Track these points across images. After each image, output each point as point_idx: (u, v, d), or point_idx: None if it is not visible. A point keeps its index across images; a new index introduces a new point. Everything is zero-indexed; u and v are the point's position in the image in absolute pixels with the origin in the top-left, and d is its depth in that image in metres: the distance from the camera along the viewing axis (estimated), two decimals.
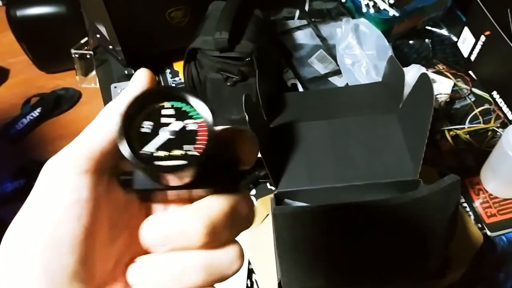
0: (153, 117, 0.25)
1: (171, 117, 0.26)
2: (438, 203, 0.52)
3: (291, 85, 0.93)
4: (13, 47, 1.76)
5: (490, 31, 0.87)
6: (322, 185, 0.65)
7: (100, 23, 0.88)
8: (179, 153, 0.25)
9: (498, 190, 0.80)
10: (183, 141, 0.25)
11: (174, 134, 0.25)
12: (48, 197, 0.24)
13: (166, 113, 0.26)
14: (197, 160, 0.25)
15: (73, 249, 0.23)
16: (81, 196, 0.24)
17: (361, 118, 0.73)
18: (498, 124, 0.88)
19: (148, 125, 0.25)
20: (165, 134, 0.25)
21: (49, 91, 1.85)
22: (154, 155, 0.25)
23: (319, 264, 0.55)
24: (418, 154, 0.61)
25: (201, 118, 0.26)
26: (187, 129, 0.26)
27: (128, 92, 0.28)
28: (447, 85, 0.93)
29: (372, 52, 0.90)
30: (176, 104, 0.26)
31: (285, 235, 0.53)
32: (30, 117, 1.76)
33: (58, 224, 0.23)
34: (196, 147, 0.25)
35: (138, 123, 0.25)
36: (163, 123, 0.25)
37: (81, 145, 0.25)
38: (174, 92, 0.26)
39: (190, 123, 0.26)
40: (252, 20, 0.82)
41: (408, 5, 0.94)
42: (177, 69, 0.99)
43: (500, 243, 0.77)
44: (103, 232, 0.25)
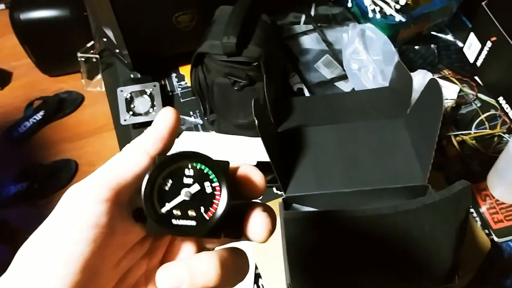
0: (177, 175, 0.29)
1: (192, 178, 0.29)
2: (449, 208, 0.52)
3: (297, 89, 0.93)
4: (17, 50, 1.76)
5: (497, 37, 0.87)
6: (330, 190, 0.65)
7: (107, 27, 0.89)
8: (193, 213, 0.28)
9: (505, 196, 0.80)
10: (199, 203, 0.29)
11: (192, 196, 0.28)
12: (68, 219, 0.26)
13: (188, 173, 0.29)
14: (206, 224, 0.28)
15: (86, 269, 0.25)
16: (98, 221, 0.26)
17: (369, 123, 0.73)
18: (505, 129, 0.88)
19: (170, 184, 0.28)
20: (184, 195, 0.28)
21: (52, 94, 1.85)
22: (172, 212, 0.28)
23: (328, 269, 0.55)
24: (427, 159, 0.62)
25: (218, 183, 0.29)
26: (205, 192, 0.29)
27: (153, 129, 0.30)
28: (453, 90, 0.93)
29: (378, 57, 0.90)
30: (199, 165, 0.29)
31: (295, 240, 0.53)
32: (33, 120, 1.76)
33: (74, 244, 0.25)
34: (209, 210, 0.28)
35: (163, 180, 0.28)
36: (185, 183, 0.29)
37: (104, 176, 0.28)
38: (199, 156, 0.29)
39: (208, 186, 0.29)
40: (259, 25, 0.82)
41: (414, 11, 0.94)
42: (183, 73, 0.99)
43: (507, 249, 0.77)
44: (112, 256, 0.27)
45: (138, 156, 0.28)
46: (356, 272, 0.56)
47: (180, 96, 0.96)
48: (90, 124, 1.75)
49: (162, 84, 0.97)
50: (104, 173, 0.28)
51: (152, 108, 0.90)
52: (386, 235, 0.54)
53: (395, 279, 0.57)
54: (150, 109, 0.90)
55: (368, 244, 0.55)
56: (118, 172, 0.28)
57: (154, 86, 0.92)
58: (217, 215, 0.28)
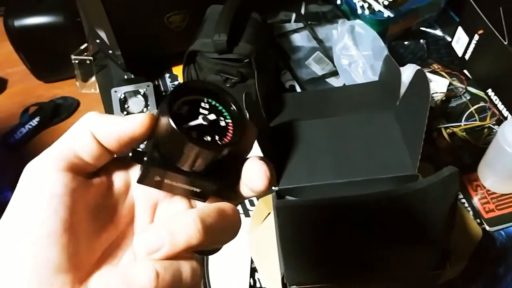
0: (193, 104, 0.29)
1: (208, 110, 0.29)
2: (437, 194, 0.53)
3: (289, 86, 0.94)
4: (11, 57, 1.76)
5: (483, 30, 0.88)
6: (322, 182, 0.65)
7: (99, 28, 0.90)
8: (208, 138, 0.28)
9: (495, 186, 0.81)
10: (214, 131, 0.28)
11: (209, 123, 0.29)
12: (28, 195, 0.26)
13: (204, 105, 0.29)
14: (220, 149, 0.28)
15: (54, 242, 0.25)
16: (56, 191, 0.26)
17: (359, 116, 0.74)
18: (494, 121, 0.89)
19: (188, 109, 0.28)
20: (203, 120, 0.28)
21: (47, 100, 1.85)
22: (189, 132, 0.27)
23: (321, 257, 0.56)
24: (416, 148, 0.62)
25: (231, 120, 0.29)
26: (219, 124, 0.29)
27: (117, 124, 0.29)
28: (443, 84, 0.95)
29: (368, 52, 0.91)
30: (213, 102, 0.29)
31: (288, 229, 0.54)
32: (29, 126, 1.76)
33: (38, 220, 0.25)
34: (224, 140, 0.28)
35: (180, 105, 0.28)
36: (201, 112, 0.29)
37: (56, 149, 0.28)
38: (217, 90, 0.30)
39: (222, 121, 0.29)
40: (249, 23, 0.83)
41: (402, 6, 0.95)
42: (176, 73, 1.00)
43: (499, 237, 0.78)
44: (83, 225, 0.27)
45: (83, 134, 0.28)
46: (348, 258, 0.57)
47: None
48: None
49: (156, 84, 0.98)
50: (55, 147, 0.28)
51: (146, 108, 0.91)
52: (377, 222, 0.55)
53: (387, 266, 0.58)
54: (144, 109, 0.91)
55: (359, 231, 0.55)
56: (69, 143, 0.28)
57: (147, 86, 0.93)
58: (230, 144, 0.28)
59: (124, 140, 0.28)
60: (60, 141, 0.28)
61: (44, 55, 1.75)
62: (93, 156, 0.28)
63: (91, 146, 0.28)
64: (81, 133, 0.28)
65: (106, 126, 0.28)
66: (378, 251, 0.56)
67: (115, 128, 0.28)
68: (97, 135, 0.28)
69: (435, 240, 0.56)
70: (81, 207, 0.27)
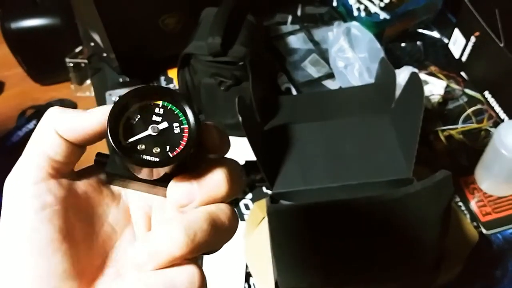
0: (146, 112, 0.27)
1: (162, 116, 0.28)
2: (430, 198, 0.53)
3: (285, 89, 0.93)
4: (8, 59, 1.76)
5: (480, 32, 0.88)
6: (316, 186, 0.65)
7: (94, 31, 0.89)
8: (157, 150, 0.27)
9: (492, 189, 0.80)
10: (165, 141, 0.27)
11: (160, 133, 0.27)
12: (17, 210, 0.25)
13: (158, 111, 0.28)
14: (168, 162, 0.27)
15: (55, 250, 0.25)
16: (46, 201, 0.25)
17: (354, 119, 0.74)
18: (491, 123, 0.89)
19: (138, 119, 0.27)
20: (152, 131, 0.27)
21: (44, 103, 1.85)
22: (136, 147, 0.27)
23: (314, 262, 0.56)
24: (411, 152, 0.62)
25: (186, 125, 0.28)
26: (173, 131, 0.28)
27: (77, 115, 0.28)
28: (440, 86, 0.94)
29: (364, 54, 0.91)
30: (169, 105, 0.28)
31: (280, 234, 0.53)
32: (25, 129, 1.76)
33: (33, 231, 0.25)
34: (175, 150, 0.27)
35: (132, 114, 0.27)
36: (154, 120, 0.27)
37: (30, 158, 0.27)
38: (170, 94, 0.28)
39: (176, 127, 0.28)
40: (244, 25, 0.82)
41: (399, 8, 0.95)
42: (171, 76, 1.00)
43: (496, 240, 0.77)
44: (78, 231, 0.27)
45: (48, 134, 0.27)
46: (341, 263, 0.56)
47: None
48: None
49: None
50: (28, 156, 0.27)
51: None
52: (370, 226, 0.55)
53: (380, 270, 0.58)
54: None
55: (352, 235, 0.55)
56: (41, 149, 0.27)
57: None
58: (181, 156, 0.27)
59: (89, 134, 0.27)
60: (31, 148, 0.27)
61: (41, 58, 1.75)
62: (65, 155, 0.27)
63: (59, 145, 0.27)
64: (46, 133, 0.27)
65: (67, 122, 0.27)
66: (372, 255, 0.56)
67: (77, 123, 0.27)
68: (60, 132, 0.27)
69: (429, 244, 0.56)
70: (73, 212, 0.27)
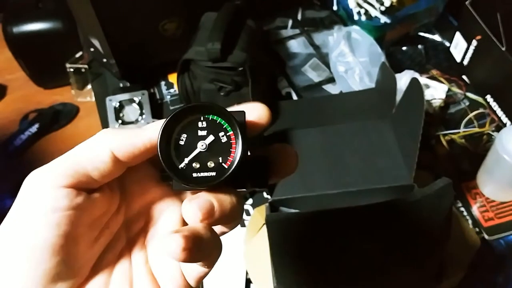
0: (190, 129, 0.28)
1: (206, 130, 0.28)
2: (431, 206, 0.52)
3: (286, 93, 0.93)
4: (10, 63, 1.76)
5: (481, 36, 0.87)
6: (316, 192, 0.65)
7: (94, 37, 0.89)
8: (212, 164, 0.28)
9: (494, 194, 0.80)
10: (216, 153, 0.28)
11: (208, 147, 0.28)
12: (29, 207, 0.26)
13: (202, 125, 0.28)
14: (225, 173, 0.28)
15: (55, 253, 0.25)
16: (59, 205, 0.26)
17: (355, 125, 0.73)
18: (493, 127, 0.88)
19: (185, 138, 0.28)
20: (201, 147, 0.28)
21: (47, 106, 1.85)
22: (192, 166, 0.28)
23: (314, 270, 0.55)
24: (412, 158, 0.62)
25: (231, 131, 0.28)
26: (221, 142, 0.28)
27: (136, 135, 0.29)
28: (441, 90, 0.93)
29: (365, 59, 0.90)
30: (210, 116, 0.28)
31: (279, 242, 0.53)
32: (28, 133, 1.76)
33: (38, 232, 0.25)
34: (228, 159, 0.28)
35: (177, 136, 0.28)
36: (200, 136, 0.28)
37: (64, 163, 0.27)
38: (210, 106, 0.28)
39: (223, 136, 0.28)
40: (244, 30, 0.82)
41: (400, 12, 0.94)
42: (171, 81, 0.99)
43: (498, 246, 0.76)
44: (84, 236, 0.27)
45: (101, 153, 0.27)
46: (340, 271, 0.56)
47: (169, 104, 0.96)
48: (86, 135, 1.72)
49: (152, 92, 0.97)
50: (62, 161, 0.27)
51: (141, 116, 0.90)
52: (370, 234, 0.54)
53: (382, 278, 0.57)
54: (139, 117, 0.90)
55: (351, 243, 0.55)
56: (75, 159, 0.27)
57: (142, 94, 0.92)
58: (235, 163, 0.28)
59: (141, 153, 0.28)
60: (71, 156, 0.28)
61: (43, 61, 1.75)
62: (104, 174, 0.28)
63: (106, 165, 0.28)
64: (99, 151, 0.28)
65: (124, 143, 0.28)
66: (373, 264, 0.55)
67: (132, 143, 0.28)
68: (116, 153, 0.28)
69: (430, 252, 0.55)
70: (84, 220, 0.27)
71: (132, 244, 0.30)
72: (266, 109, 0.30)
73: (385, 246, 0.55)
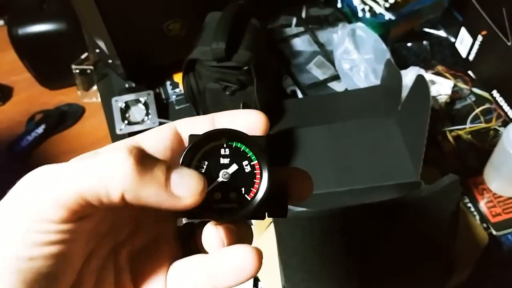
0: (212, 157, 0.26)
1: (229, 158, 0.26)
2: (438, 203, 0.52)
3: (291, 92, 0.93)
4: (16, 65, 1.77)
5: (487, 31, 0.87)
6: (323, 190, 0.65)
7: (99, 38, 0.89)
8: (234, 196, 0.26)
9: (502, 189, 0.80)
10: (239, 184, 0.26)
11: (231, 177, 0.26)
12: (17, 213, 0.22)
13: (224, 153, 0.27)
14: (248, 206, 0.26)
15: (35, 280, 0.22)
16: (49, 228, 0.22)
17: (361, 122, 0.73)
18: (500, 123, 0.88)
19: (206, 166, 0.26)
20: (222, 177, 0.26)
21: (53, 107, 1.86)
22: (213, 196, 0.26)
23: (322, 269, 0.55)
24: (418, 155, 0.62)
25: (256, 160, 0.26)
26: (244, 171, 0.27)
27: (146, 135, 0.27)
28: (447, 86, 0.93)
29: (370, 56, 0.90)
30: (233, 144, 0.27)
31: (287, 241, 0.53)
32: (34, 134, 1.77)
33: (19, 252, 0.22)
34: (251, 191, 0.26)
35: (198, 163, 0.26)
36: (222, 164, 0.26)
37: (75, 180, 0.23)
38: (234, 133, 0.26)
39: (247, 165, 0.27)
40: (248, 29, 0.82)
41: (404, 8, 0.94)
42: (177, 81, 1.00)
43: (506, 242, 0.76)
44: (76, 261, 0.24)
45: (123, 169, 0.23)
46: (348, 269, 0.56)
47: (175, 104, 0.96)
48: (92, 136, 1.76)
49: (157, 92, 0.98)
50: (76, 177, 0.23)
51: (147, 116, 0.91)
52: (377, 232, 0.54)
53: (389, 275, 0.57)
54: (145, 117, 0.91)
55: (358, 241, 0.55)
56: (92, 181, 0.22)
57: (148, 94, 0.92)
58: (259, 195, 0.26)
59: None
60: (85, 168, 0.23)
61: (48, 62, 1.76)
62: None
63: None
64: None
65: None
66: (380, 261, 0.55)
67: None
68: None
69: (438, 249, 0.55)
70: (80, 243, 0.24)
71: (119, 271, 0.27)
72: (263, 117, 0.28)
73: (392, 244, 0.55)
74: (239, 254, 0.25)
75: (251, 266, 0.24)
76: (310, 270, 0.56)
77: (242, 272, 0.25)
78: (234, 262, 0.25)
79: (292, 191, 0.28)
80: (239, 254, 0.25)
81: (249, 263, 0.24)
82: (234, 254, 0.25)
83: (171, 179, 0.24)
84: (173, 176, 0.24)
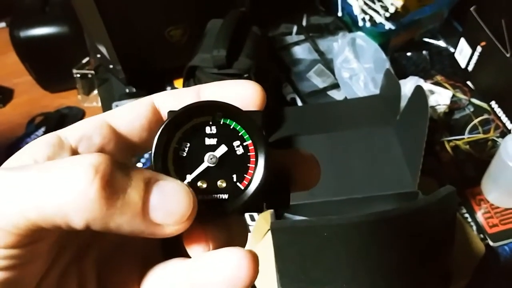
0: (195, 136, 0.21)
1: (216, 137, 0.22)
2: (435, 214, 0.53)
3: (290, 99, 0.93)
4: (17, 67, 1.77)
5: (486, 42, 0.87)
6: (321, 199, 0.65)
7: (100, 43, 0.90)
8: (223, 184, 0.22)
9: (499, 200, 0.80)
10: (229, 169, 0.22)
11: (219, 161, 0.21)
12: None
13: (210, 131, 0.22)
14: (241, 196, 0.21)
15: None
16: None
17: (359, 131, 0.74)
18: (498, 133, 0.88)
19: (188, 148, 0.21)
20: (208, 161, 0.21)
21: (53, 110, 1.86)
22: (196, 186, 0.21)
23: (319, 278, 0.55)
24: (416, 165, 0.62)
25: (250, 140, 0.22)
26: (236, 154, 0.22)
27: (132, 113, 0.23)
28: (446, 96, 0.94)
29: (369, 65, 0.91)
30: (221, 120, 0.22)
31: (284, 250, 0.53)
32: (34, 136, 1.77)
33: None
34: (245, 177, 0.22)
35: (177, 145, 0.21)
36: (208, 145, 0.21)
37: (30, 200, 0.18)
38: (222, 106, 0.21)
39: (238, 146, 0.22)
40: (249, 37, 0.83)
41: (404, 18, 0.95)
42: (177, 87, 1.00)
43: (503, 253, 0.76)
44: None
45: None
46: (345, 280, 0.56)
47: None
48: None
49: None
50: (27, 201, 0.18)
51: None
52: (373, 242, 0.54)
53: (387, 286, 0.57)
54: None
55: (355, 251, 0.55)
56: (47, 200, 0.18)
57: None
58: (255, 183, 0.21)
59: None
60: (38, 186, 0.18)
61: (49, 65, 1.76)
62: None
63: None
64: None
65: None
66: (377, 272, 0.56)
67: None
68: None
69: (434, 260, 0.55)
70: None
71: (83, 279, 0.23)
72: (258, 88, 0.23)
73: (389, 254, 0.55)
74: (230, 259, 0.20)
75: (245, 274, 0.20)
76: (308, 280, 0.56)
77: (234, 281, 0.20)
78: (224, 269, 0.20)
79: (295, 177, 0.23)
80: (230, 259, 0.20)
81: (242, 270, 0.20)
82: (224, 259, 0.20)
83: (150, 200, 0.19)
84: (153, 195, 0.19)
